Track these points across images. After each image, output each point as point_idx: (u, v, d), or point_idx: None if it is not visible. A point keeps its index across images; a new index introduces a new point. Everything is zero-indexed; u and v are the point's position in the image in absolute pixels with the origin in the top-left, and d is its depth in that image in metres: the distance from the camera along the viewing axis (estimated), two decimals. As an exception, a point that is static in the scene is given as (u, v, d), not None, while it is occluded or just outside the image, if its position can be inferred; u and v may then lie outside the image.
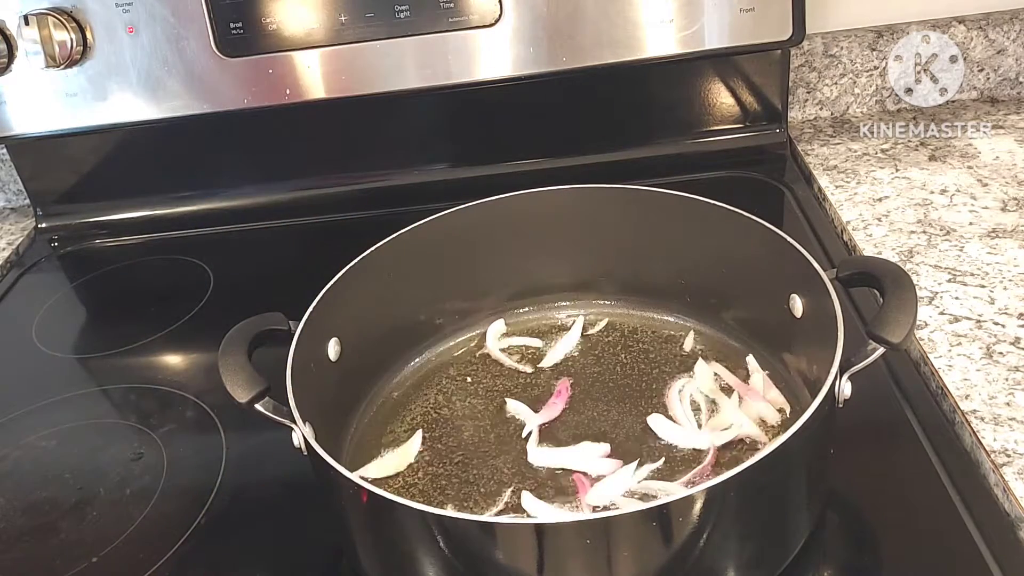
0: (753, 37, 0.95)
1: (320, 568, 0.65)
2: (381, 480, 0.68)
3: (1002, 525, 0.60)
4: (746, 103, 1.06)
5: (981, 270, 0.81)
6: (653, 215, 0.76)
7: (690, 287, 0.78)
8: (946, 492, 0.62)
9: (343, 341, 0.70)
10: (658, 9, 0.93)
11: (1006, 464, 0.62)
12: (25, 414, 0.83)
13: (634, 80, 1.04)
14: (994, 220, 0.88)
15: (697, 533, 0.51)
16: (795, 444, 0.51)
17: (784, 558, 0.58)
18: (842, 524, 0.63)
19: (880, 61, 1.08)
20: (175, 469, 0.74)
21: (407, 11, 0.91)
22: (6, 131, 0.98)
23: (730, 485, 0.49)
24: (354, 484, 0.52)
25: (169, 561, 0.65)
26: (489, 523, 0.48)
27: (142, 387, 0.85)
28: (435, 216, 0.76)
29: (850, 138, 1.07)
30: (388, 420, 0.74)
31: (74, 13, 0.91)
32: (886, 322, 0.56)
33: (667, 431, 0.68)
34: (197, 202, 1.10)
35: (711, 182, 1.04)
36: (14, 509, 0.74)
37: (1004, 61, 1.08)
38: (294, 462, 0.59)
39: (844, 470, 0.63)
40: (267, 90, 0.95)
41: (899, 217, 0.90)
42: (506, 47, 0.94)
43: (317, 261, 0.72)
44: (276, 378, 0.59)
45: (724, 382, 0.72)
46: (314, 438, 0.55)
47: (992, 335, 0.73)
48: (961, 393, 0.68)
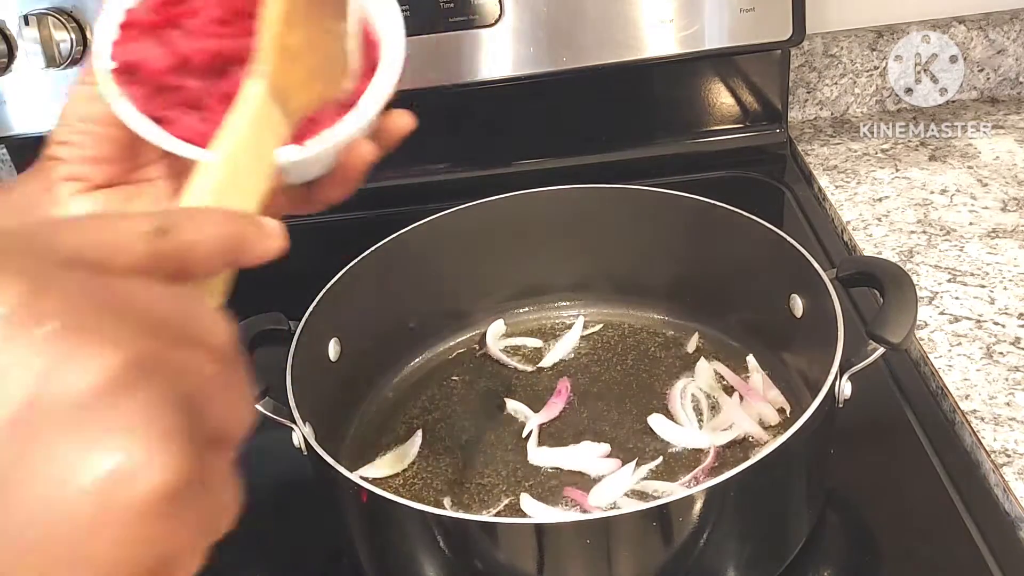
0: (753, 37, 0.95)
1: (320, 568, 0.65)
2: (381, 480, 0.68)
3: (1002, 525, 0.60)
4: (746, 103, 1.06)
5: (981, 270, 0.81)
6: (653, 215, 0.76)
7: (690, 287, 0.78)
8: (946, 492, 0.62)
9: (343, 341, 0.70)
10: (658, 9, 0.93)
11: (1006, 464, 0.62)
12: (25, 414, 0.83)
13: (634, 80, 1.04)
14: (994, 220, 0.88)
15: (697, 533, 0.51)
16: (795, 444, 0.51)
17: (784, 558, 0.58)
18: (842, 524, 0.63)
19: (880, 61, 1.08)
20: (175, 469, 0.74)
21: (407, 11, 0.90)
22: (6, 131, 0.98)
23: (730, 485, 0.49)
24: (354, 484, 0.52)
25: (169, 561, 0.65)
26: (489, 523, 0.48)
27: (142, 387, 0.85)
28: (435, 216, 0.75)
29: (850, 138, 1.07)
30: (388, 420, 0.74)
31: (74, 13, 0.91)
32: (886, 322, 0.56)
33: (668, 431, 0.68)
34: (197, 202, 1.10)
35: (711, 182, 1.04)
36: (14, 509, 0.73)
37: (1004, 61, 1.08)
38: (294, 462, 0.59)
39: (844, 470, 0.63)
40: (267, 90, 0.95)
41: (899, 217, 0.90)
42: (506, 47, 0.94)
43: (317, 261, 0.72)
44: (276, 378, 0.59)
45: (725, 381, 0.72)
46: (314, 438, 0.55)
47: (992, 335, 0.73)
48: (961, 393, 0.68)
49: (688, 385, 0.72)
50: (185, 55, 0.43)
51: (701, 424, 0.69)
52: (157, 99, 0.44)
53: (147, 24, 0.44)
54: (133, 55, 0.43)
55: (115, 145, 0.46)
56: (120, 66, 0.43)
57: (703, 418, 0.70)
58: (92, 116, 0.45)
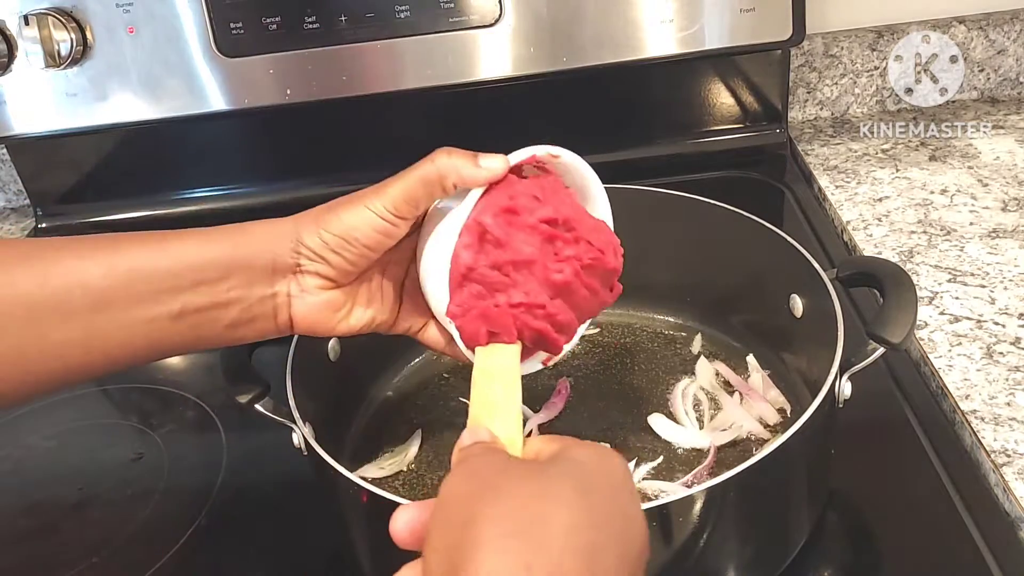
0: (753, 37, 0.95)
1: (320, 568, 0.65)
2: (381, 480, 0.68)
3: (1002, 525, 0.60)
4: (746, 103, 1.06)
5: (981, 270, 0.81)
6: (653, 215, 0.76)
7: (690, 287, 0.78)
8: (946, 492, 0.63)
9: (343, 341, 0.70)
10: (658, 9, 0.93)
11: (1006, 464, 0.62)
12: (25, 414, 0.83)
13: (634, 80, 1.04)
14: (994, 220, 0.88)
15: (697, 533, 0.51)
16: (795, 444, 0.51)
17: (784, 558, 0.58)
18: (842, 524, 0.63)
19: (880, 61, 1.08)
20: (176, 469, 0.74)
21: (407, 11, 0.91)
22: (6, 131, 0.98)
23: (730, 485, 0.49)
24: (354, 484, 0.52)
25: (169, 561, 0.65)
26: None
27: (142, 387, 0.85)
28: (435, 216, 0.75)
29: (850, 138, 1.07)
30: (388, 420, 0.74)
31: (74, 13, 0.91)
32: (886, 322, 0.56)
33: (668, 431, 0.68)
34: (197, 202, 1.10)
35: (711, 182, 1.04)
36: (15, 509, 0.74)
37: (1004, 61, 1.08)
38: (294, 462, 0.59)
39: (844, 470, 0.63)
40: (267, 90, 0.95)
41: (899, 217, 0.90)
42: (506, 47, 0.94)
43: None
44: (276, 378, 0.59)
45: (726, 381, 0.72)
46: (314, 438, 0.55)
47: (992, 335, 0.73)
48: (961, 393, 0.68)
49: (689, 385, 0.72)
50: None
51: (702, 424, 0.69)
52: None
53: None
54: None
55: (366, 262, 0.52)
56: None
57: (703, 418, 0.70)
58: (374, 246, 0.51)
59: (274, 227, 0.52)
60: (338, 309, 0.54)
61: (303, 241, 0.51)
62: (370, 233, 0.51)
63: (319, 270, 0.52)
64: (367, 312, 0.56)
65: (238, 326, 0.52)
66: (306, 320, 0.53)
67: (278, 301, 0.52)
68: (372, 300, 0.56)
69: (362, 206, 0.51)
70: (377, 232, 0.51)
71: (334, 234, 0.51)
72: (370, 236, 0.51)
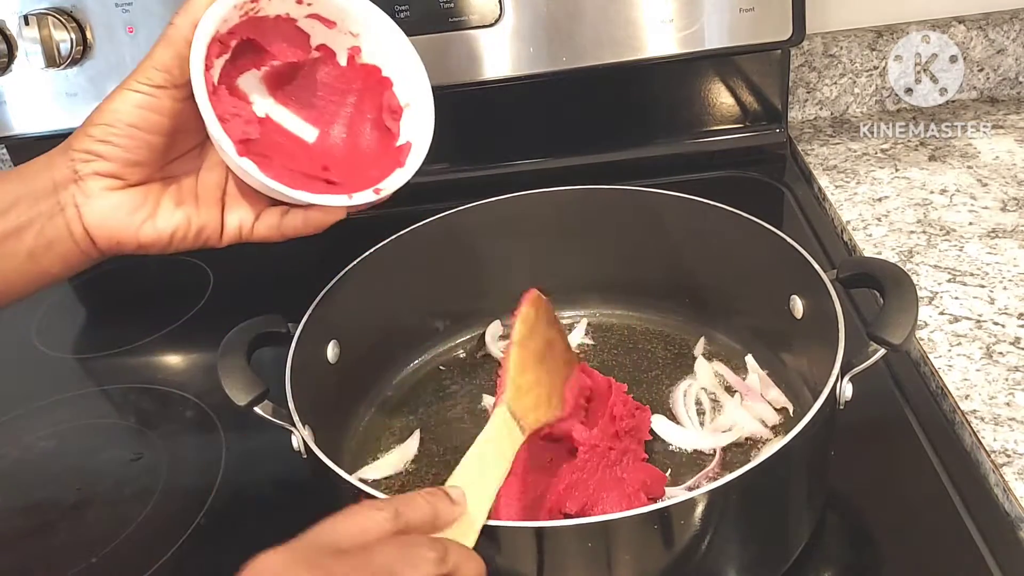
0: (753, 37, 0.95)
1: (320, 569, 0.65)
2: (380, 481, 0.68)
3: (1002, 525, 0.60)
4: (746, 103, 1.06)
5: (981, 270, 0.81)
6: (653, 216, 0.76)
7: (690, 288, 0.78)
8: (946, 492, 0.62)
9: (342, 343, 0.70)
10: (658, 9, 0.93)
11: (1006, 464, 0.62)
12: (25, 414, 0.83)
13: (634, 80, 1.04)
14: (994, 220, 0.88)
15: (699, 536, 0.51)
16: (796, 447, 0.51)
17: (785, 559, 0.58)
18: (842, 524, 0.63)
19: (880, 61, 1.08)
20: (175, 469, 0.74)
21: (407, 11, 0.91)
22: (6, 131, 0.98)
23: (731, 488, 0.49)
24: (353, 487, 0.52)
25: (169, 561, 0.65)
26: (489, 526, 0.48)
27: (142, 387, 0.85)
28: (435, 216, 0.75)
29: (850, 138, 1.07)
30: (387, 421, 0.74)
31: (74, 13, 0.91)
32: (887, 323, 0.55)
33: (669, 432, 0.68)
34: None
35: (711, 182, 1.04)
36: (14, 509, 0.74)
37: (1004, 61, 1.08)
38: (294, 462, 0.59)
39: (844, 470, 0.63)
40: (267, 90, 0.95)
41: (899, 217, 0.90)
42: (506, 47, 0.94)
43: (317, 262, 0.72)
44: (275, 381, 0.59)
45: (726, 382, 0.72)
46: (313, 440, 0.55)
47: (992, 335, 0.73)
48: (961, 393, 0.68)
49: (690, 386, 0.72)
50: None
51: (703, 425, 0.69)
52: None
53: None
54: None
55: (153, 151, 0.51)
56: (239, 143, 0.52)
57: (705, 419, 0.70)
58: (140, 123, 0.50)
59: (53, 150, 0.53)
60: (135, 210, 0.53)
61: (72, 146, 0.52)
62: (132, 110, 0.50)
63: (96, 168, 0.51)
64: (177, 213, 0.54)
65: (38, 255, 0.52)
66: (103, 228, 0.52)
67: (68, 215, 0.52)
68: (184, 201, 0.54)
69: (120, 90, 0.51)
70: (139, 108, 0.50)
71: (98, 124, 0.51)
72: (132, 113, 0.50)
